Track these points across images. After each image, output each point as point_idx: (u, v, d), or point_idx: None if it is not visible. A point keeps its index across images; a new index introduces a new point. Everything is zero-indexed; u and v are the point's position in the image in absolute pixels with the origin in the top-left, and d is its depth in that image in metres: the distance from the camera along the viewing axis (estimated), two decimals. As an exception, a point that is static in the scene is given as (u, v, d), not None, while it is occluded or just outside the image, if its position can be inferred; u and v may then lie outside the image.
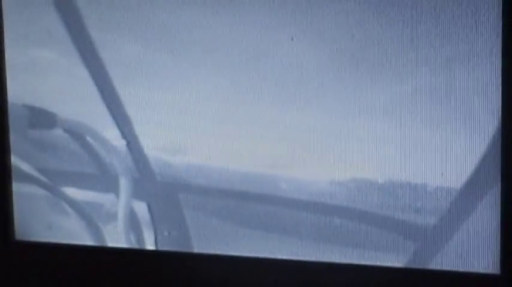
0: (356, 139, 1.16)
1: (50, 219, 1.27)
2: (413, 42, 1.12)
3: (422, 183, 1.15)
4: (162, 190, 1.24)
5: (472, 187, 1.13)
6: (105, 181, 1.25)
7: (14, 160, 1.25)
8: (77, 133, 1.24)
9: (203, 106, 1.20)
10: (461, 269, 1.15)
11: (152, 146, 1.23)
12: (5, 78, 1.21)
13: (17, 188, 1.25)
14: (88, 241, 1.27)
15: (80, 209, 1.26)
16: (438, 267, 1.17)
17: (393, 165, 1.15)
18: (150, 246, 1.26)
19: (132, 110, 1.22)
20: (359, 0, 1.12)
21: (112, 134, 1.23)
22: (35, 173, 1.25)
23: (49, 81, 1.23)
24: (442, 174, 1.14)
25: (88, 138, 1.24)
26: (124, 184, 1.24)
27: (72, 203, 1.26)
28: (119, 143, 1.23)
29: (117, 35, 1.21)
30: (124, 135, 1.23)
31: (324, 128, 1.16)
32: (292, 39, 1.15)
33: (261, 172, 1.20)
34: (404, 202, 1.16)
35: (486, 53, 1.09)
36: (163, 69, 1.20)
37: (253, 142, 1.19)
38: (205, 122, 1.20)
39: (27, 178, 1.25)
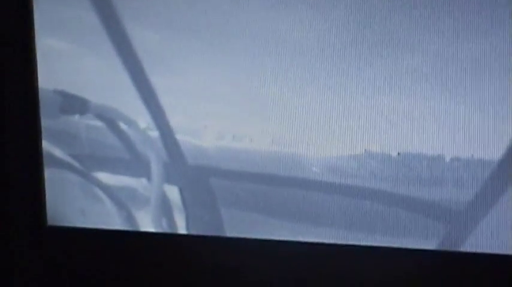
0: (366, 114, 1.16)
1: (82, 204, 1.27)
2: (420, 13, 1.11)
3: (453, 163, 1.16)
4: (193, 174, 1.24)
5: (501, 167, 1.14)
6: (137, 165, 1.25)
7: (46, 146, 1.24)
8: (108, 118, 1.23)
9: (226, 90, 1.20)
10: (491, 251, 1.16)
11: (182, 130, 1.23)
12: (36, 64, 1.20)
13: (49, 173, 1.25)
14: (120, 225, 1.27)
15: (112, 194, 1.26)
16: (468, 249, 1.18)
17: (416, 139, 1.16)
18: (182, 230, 1.27)
19: (160, 96, 1.22)
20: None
21: (143, 120, 1.23)
22: (67, 159, 1.25)
23: (80, 69, 1.23)
24: (472, 155, 1.15)
25: (119, 123, 1.23)
26: (156, 168, 1.24)
27: (105, 188, 1.26)
28: (150, 128, 1.23)
29: (146, 24, 1.21)
30: (154, 121, 1.23)
31: (333, 104, 1.17)
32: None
33: (282, 150, 1.20)
34: (433, 181, 1.17)
35: (500, 21, 1.08)
36: (189, 55, 1.20)
37: (274, 122, 1.19)
38: (230, 105, 1.20)
39: (59, 164, 1.25)
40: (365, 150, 1.18)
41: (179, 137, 1.23)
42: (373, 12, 1.12)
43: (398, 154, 1.17)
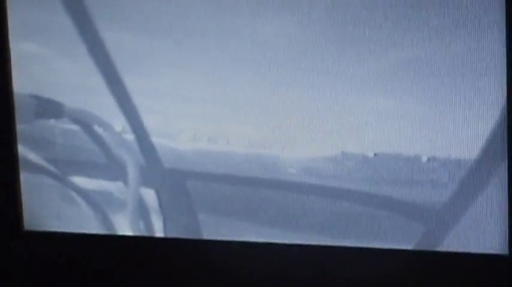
0: (342, 114, 1.16)
1: (58, 209, 1.27)
2: (403, 12, 1.11)
3: (430, 163, 1.15)
4: (169, 177, 1.24)
5: (479, 167, 1.13)
6: (113, 169, 1.25)
7: (22, 150, 1.24)
8: (83, 122, 1.24)
9: (202, 91, 1.20)
10: (469, 250, 1.15)
11: (157, 132, 1.23)
12: (10, 69, 1.20)
13: (26, 178, 1.25)
14: (97, 229, 1.27)
15: (89, 198, 1.26)
16: (447, 249, 1.18)
17: (393, 140, 1.15)
18: (159, 233, 1.26)
19: (135, 98, 1.22)
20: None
21: (118, 122, 1.23)
22: (43, 163, 1.25)
23: (54, 72, 1.23)
24: (449, 155, 1.14)
25: (95, 127, 1.24)
26: (132, 171, 1.24)
27: (81, 192, 1.26)
28: (125, 131, 1.23)
29: (120, 26, 1.22)
30: (129, 123, 1.23)
31: (309, 104, 1.16)
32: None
33: (259, 152, 1.20)
34: (411, 182, 1.17)
35: (488, 19, 1.08)
36: (163, 57, 1.20)
37: (250, 123, 1.19)
38: (206, 107, 1.20)
39: (36, 168, 1.25)
40: (342, 151, 1.17)
41: (155, 139, 1.23)
42: (354, 12, 1.12)
43: (375, 154, 1.16)
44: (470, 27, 1.09)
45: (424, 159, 1.15)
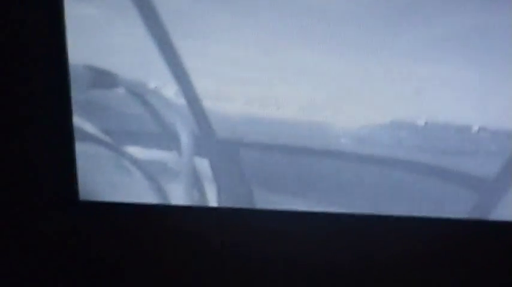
0: (394, 82, 1.16)
1: (113, 179, 1.27)
2: None
3: (478, 131, 1.16)
4: (222, 146, 1.24)
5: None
6: (167, 139, 1.25)
7: (77, 121, 1.24)
8: (137, 93, 1.23)
9: (255, 55, 1.19)
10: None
11: (209, 95, 1.22)
12: (66, 38, 1.20)
13: (80, 148, 1.25)
14: (152, 199, 1.27)
15: (143, 168, 1.26)
16: (498, 218, 1.19)
17: (444, 109, 1.16)
18: (213, 203, 1.27)
19: (188, 61, 1.21)
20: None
21: (171, 89, 1.23)
22: (98, 133, 1.25)
23: (107, 39, 1.22)
24: (499, 124, 1.15)
25: (149, 97, 1.23)
26: (185, 141, 1.25)
27: (135, 162, 1.26)
28: (178, 97, 1.22)
29: None
30: (182, 89, 1.23)
31: (361, 72, 1.17)
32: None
33: (309, 118, 1.20)
34: (461, 151, 1.18)
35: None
36: (216, 20, 1.19)
37: (301, 89, 1.20)
38: (257, 71, 1.20)
39: (90, 138, 1.25)
40: (393, 119, 1.18)
41: (208, 104, 1.22)
42: None
43: (426, 123, 1.17)
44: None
45: (475, 129, 1.16)
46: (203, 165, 1.26)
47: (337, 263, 1.26)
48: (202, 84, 1.22)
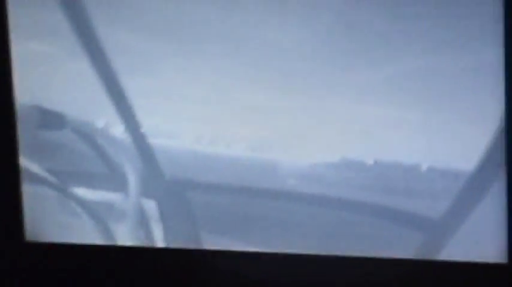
0: (345, 121, 1.17)
1: (60, 219, 1.27)
2: (405, 21, 1.12)
3: (428, 171, 1.16)
4: (170, 187, 1.25)
5: (477, 177, 1.14)
6: (114, 179, 1.26)
7: (24, 161, 1.25)
8: (85, 133, 1.24)
9: (205, 93, 1.21)
10: (468, 259, 1.15)
11: (159, 133, 1.23)
12: (13, 78, 1.21)
13: (27, 189, 1.26)
14: (98, 240, 1.27)
15: (90, 209, 1.27)
16: (446, 258, 1.18)
17: (394, 148, 1.16)
18: (159, 243, 1.27)
19: (137, 99, 1.23)
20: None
21: (119, 130, 1.24)
22: (45, 174, 1.26)
23: (55, 77, 1.23)
24: (448, 165, 1.15)
25: (96, 138, 1.24)
26: (133, 182, 1.25)
27: (82, 203, 1.26)
28: (127, 140, 1.23)
29: (119, 28, 1.22)
30: (130, 130, 1.24)
31: (312, 111, 1.17)
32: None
33: (259, 156, 1.20)
34: (411, 191, 1.17)
35: (487, 36, 1.09)
36: (166, 58, 1.21)
37: (252, 127, 1.20)
38: (208, 109, 1.21)
39: (37, 179, 1.26)
40: (342, 157, 1.18)
41: (156, 142, 1.23)
42: (355, 23, 1.13)
43: (375, 162, 1.17)
44: (470, 41, 1.10)
45: (424, 168, 1.16)
46: (150, 205, 1.26)
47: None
48: (151, 122, 1.23)
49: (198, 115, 1.21)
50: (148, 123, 1.23)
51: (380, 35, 1.13)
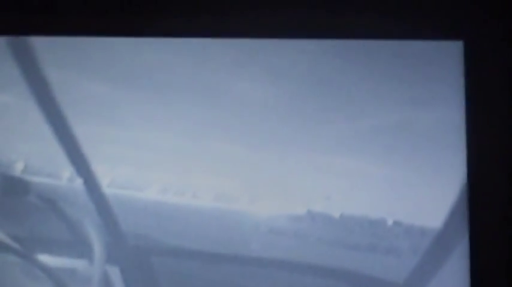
0: (313, 174, 1.17)
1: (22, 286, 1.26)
2: (375, 80, 1.14)
3: (393, 225, 1.16)
4: (134, 254, 1.24)
5: (441, 237, 1.13)
6: (79, 246, 1.25)
7: (-14, 228, 1.25)
8: (49, 199, 1.25)
9: (161, 141, 1.21)
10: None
11: (125, 184, 1.24)
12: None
13: (-10, 256, 1.25)
14: (61, 307, 1.26)
15: (53, 276, 1.25)
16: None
17: (360, 202, 1.16)
18: (123, 310, 1.26)
19: (99, 153, 1.24)
20: (318, 41, 1.15)
21: (82, 190, 1.24)
22: (7, 240, 1.25)
23: (14, 131, 1.25)
24: (413, 221, 1.15)
25: (60, 204, 1.24)
26: (97, 249, 1.24)
27: (45, 270, 1.25)
28: (90, 204, 1.24)
29: (76, 75, 1.24)
30: (93, 188, 1.24)
31: (279, 163, 1.18)
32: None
33: (216, 205, 1.20)
34: (353, 238, 1.17)
35: (449, 94, 1.11)
36: (133, 108, 1.23)
37: (218, 177, 1.21)
38: (162, 157, 1.21)
39: (0, 246, 1.26)
40: (308, 210, 1.18)
41: (120, 192, 1.23)
42: (325, 80, 1.16)
43: (341, 215, 1.17)
44: (434, 100, 1.12)
45: (389, 223, 1.16)
46: (114, 272, 1.25)
47: None
48: (115, 173, 1.23)
49: (164, 165, 1.22)
50: (112, 174, 1.23)
51: (350, 92, 1.15)
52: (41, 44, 1.24)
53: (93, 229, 1.24)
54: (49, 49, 1.24)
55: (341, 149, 1.17)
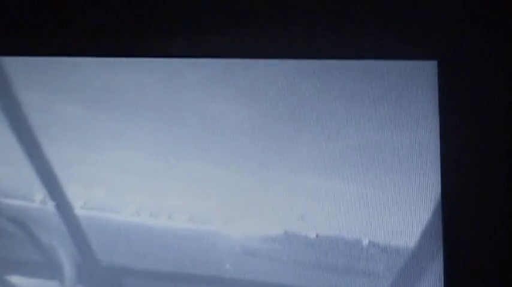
0: (288, 195, 1.17)
1: (-7, 310, 1.25)
2: (348, 105, 1.14)
3: (348, 241, 1.16)
4: (106, 275, 1.23)
5: (415, 255, 1.14)
6: (49, 267, 1.24)
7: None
8: (19, 221, 1.23)
9: (134, 162, 1.20)
10: None
11: (82, 201, 1.22)
12: None
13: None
14: (32, 330, 1.24)
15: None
16: None
17: (320, 221, 1.16)
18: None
19: (71, 175, 1.23)
20: (292, 62, 1.15)
21: (53, 212, 1.23)
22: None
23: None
24: (389, 241, 1.15)
25: (31, 225, 1.23)
26: (68, 270, 1.23)
27: (16, 292, 1.24)
28: (61, 225, 1.22)
29: (47, 96, 1.23)
30: (64, 209, 1.23)
31: (254, 184, 1.17)
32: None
33: (191, 226, 1.19)
34: (328, 259, 1.17)
35: (423, 114, 1.12)
36: (105, 129, 1.22)
37: (193, 198, 1.20)
38: (136, 178, 1.21)
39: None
40: (284, 231, 1.18)
41: (94, 214, 1.22)
42: (299, 101, 1.15)
43: (317, 235, 1.17)
44: (407, 120, 1.12)
45: (365, 243, 1.16)
46: (85, 294, 1.24)
47: None
48: (88, 195, 1.22)
49: (138, 186, 1.21)
50: (85, 196, 1.22)
51: (325, 112, 1.15)
52: (13, 65, 1.23)
53: (64, 250, 1.23)
54: (21, 70, 1.22)
55: (315, 169, 1.16)
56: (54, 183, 1.21)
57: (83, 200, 1.22)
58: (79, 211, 1.22)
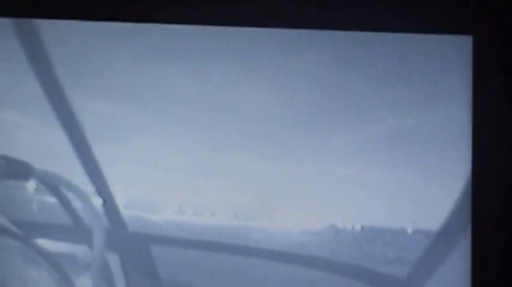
0: (328, 186, 1.16)
1: (22, 271, 1.26)
2: (379, 86, 1.13)
3: (394, 230, 1.15)
4: (133, 241, 1.24)
5: (443, 235, 1.13)
6: (78, 232, 1.25)
7: (-13, 212, 1.25)
8: (51, 184, 1.24)
9: (175, 160, 1.21)
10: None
11: (125, 199, 1.24)
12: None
13: (-11, 239, 1.25)
14: (60, 293, 1.26)
15: (52, 261, 1.25)
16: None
17: (363, 212, 1.16)
18: (122, 297, 1.25)
19: (105, 166, 1.24)
20: (323, 51, 1.14)
21: (85, 188, 1.24)
22: (7, 224, 1.25)
23: (25, 143, 1.25)
24: (413, 221, 1.14)
25: (62, 189, 1.24)
26: (97, 235, 1.24)
27: (45, 255, 1.25)
28: (92, 196, 1.24)
29: (92, 96, 1.24)
30: (97, 189, 1.24)
31: (295, 176, 1.17)
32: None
33: (235, 223, 1.20)
34: (376, 250, 1.16)
35: (457, 91, 1.10)
36: (146, 127, 1.23)
37: (236, 195, 1.20)
38: (178, 176, 1.21)
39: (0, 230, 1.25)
40: (330, 224, 1.18)
41: (121, 204, 1.23)
42: (334, 87, 1.15)
43: (362, 227, 1.17)
44: (441, 98, 1.11)
45: (410, 232, 1.15)
46: (113, 259, 1.25)
47: None
48: (131, 192, 1.23)
49: (180, 184, 1.21)
50: (129, 194, 1.23)
51: (358, 97, 1.14)
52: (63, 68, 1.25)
53: (93, 215, 1.24)
54: (69, 73, 1.24)
55: (352, 158, 1.16)
56: (96, 179, 1.23)
57: (124, 200, 1.24)
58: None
